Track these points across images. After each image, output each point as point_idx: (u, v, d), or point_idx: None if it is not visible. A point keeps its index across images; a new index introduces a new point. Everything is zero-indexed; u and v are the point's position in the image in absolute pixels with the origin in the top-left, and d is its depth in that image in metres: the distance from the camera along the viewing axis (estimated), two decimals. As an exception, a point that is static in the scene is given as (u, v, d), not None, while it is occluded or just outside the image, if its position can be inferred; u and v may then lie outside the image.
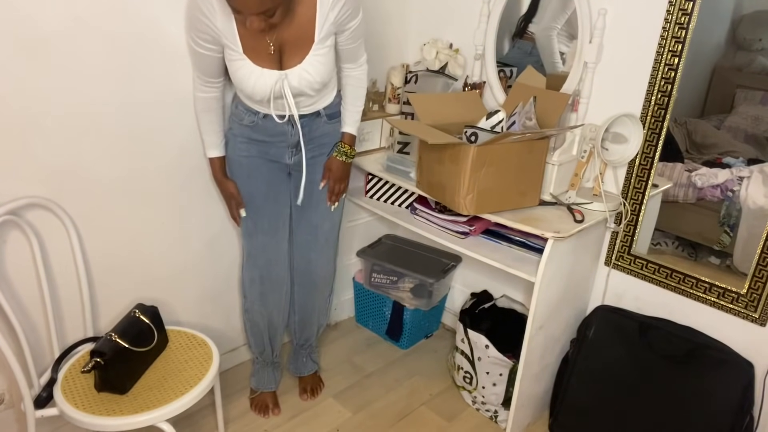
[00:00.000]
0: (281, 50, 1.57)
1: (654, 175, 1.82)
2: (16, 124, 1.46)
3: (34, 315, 1.65)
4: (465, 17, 2.17)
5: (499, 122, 1.76)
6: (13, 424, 1.73)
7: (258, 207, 1.81)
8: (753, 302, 1.68)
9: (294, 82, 1.59)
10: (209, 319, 2.10)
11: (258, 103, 1.66)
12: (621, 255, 1.95)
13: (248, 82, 1.57)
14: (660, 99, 1.75)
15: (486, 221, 1.85)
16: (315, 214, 1.87)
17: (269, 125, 1.69)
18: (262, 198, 1.80)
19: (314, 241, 1.91)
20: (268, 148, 1.74)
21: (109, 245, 1.74)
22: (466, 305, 2.21)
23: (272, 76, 1.57)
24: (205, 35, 1.52)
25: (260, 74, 1.56)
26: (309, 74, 1.59)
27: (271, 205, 1.82)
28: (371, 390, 2.20)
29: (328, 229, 1.91)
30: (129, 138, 1.68)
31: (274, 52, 1.56)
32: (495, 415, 2.07)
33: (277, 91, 1.59)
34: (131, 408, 1.45)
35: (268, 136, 1.72)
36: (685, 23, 1.65)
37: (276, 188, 1.82)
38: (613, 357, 1.86)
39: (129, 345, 1.52)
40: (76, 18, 1.48)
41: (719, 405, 1.68)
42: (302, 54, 1.58)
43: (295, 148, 1.74)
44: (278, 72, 1.58)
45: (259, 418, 2.01)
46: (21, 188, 1.51)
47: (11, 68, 1.42)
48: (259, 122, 1.70)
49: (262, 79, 1.57)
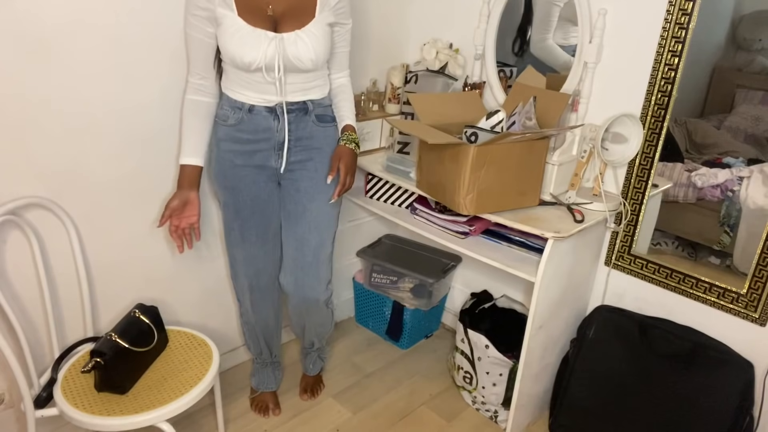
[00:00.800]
0: (278, 19, 1.53)
1: (654, 175, 1.82)
2: (16, 124, 1.46)
3: (34, 315, 1.65)
4: (465, 17, 2.17)
5: (499, 122, 1.76)
6: (13, 424, 1.73)
7: (245, 219, 1.74)
8: (753, 302, 1.68)
9: (289, 48, 1.53)
10: (209, 319, 2.10)
11: (246, 72, 1.56)
12: (621, 255, 1.95)
13: (239, 41, 1.50)
14: (660, 99, 1.75)
15: (486, 221, 1.85)
16: (301, 224, 1.75)
17: (255, 120, 1.63)
18: (249, 211, 1.73)
19: (301, 257, 1.78)
20: (254, 152, 1.66)
21: (109, 245, 1.74)
22: (466, 305, 2.21)
23: (266, 36, 1.51)
24: (201, 10, 1.50)
25: (251, 32, 1.50)
26: (304, 42, 1.54)
27: (258, 217, 1.75)
28: (371, 390, 2.20)
29: (315, 244, 1.76)
30: (129, 138, 1.68)
31: (272, 15, 1.52)
32: (495, 415, 2.07)
33: (270, 56, 1.52)
34: (131, 408, 1.45)
35: (254, 133, 1.64)
36: (685, 23, 1.65)
37: (263, 200, 1.74)
38: (613, 357, 1.86)
39: (129, 345, 1.52)
40: (76, 17, 1.48)
41: (719, 405, 1.68)
42: (300, 24, 1.55)
43: (282, 149, 1.67)
44: (273, 33, 1.52)
45: (259, 418, 2.01)
46: (21, 188, 1.51)
47: (11, 68, 1.42)
48: (244, 117, 1.62)
49: (253, 37, 1.50)
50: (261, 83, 1.59)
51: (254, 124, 1.64)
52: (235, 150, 1.66)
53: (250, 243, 1.77)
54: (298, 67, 1.58)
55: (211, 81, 1.64)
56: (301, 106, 1.66)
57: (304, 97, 1.66)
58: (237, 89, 1.62)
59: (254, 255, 1.79)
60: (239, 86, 1.61)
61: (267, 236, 1.79)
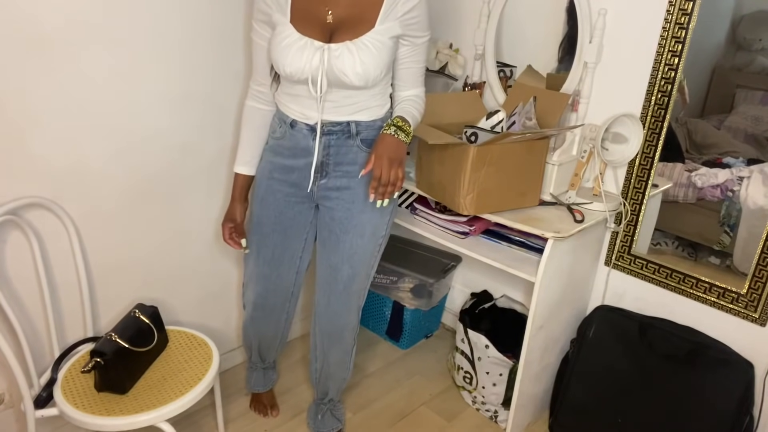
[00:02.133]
0: (335, 27, 1.41)
1: (654, 175, 1.82)
2: (16, 124, 1.46)
3: (34, 315, 1.64)
4: (465, 17, 2.17)
5: (499, 122, 1.76)
6: (13, 424, 1.73)
7: (264, 234, 1.66)
8: (753, 302, 1.68)
9: (334, 61, 1.38)
10: (209, 319, 2.10)
11: (291, 83, 1.47)
12: (621, 255, 1.95)
13: (284, 49, 1.40)
14: (660, 99, 1.75)
15: (486, 221, 1.85)
16: (334, 254, 1.63)
17: (296, 136, 1.53)
18: (270, 226, 1.65)
19: (334, 283, 1.66)
20: (292, 169, 1.57)
21: (109, 245, 1.74)
22: (466, 305, 2.21)
23: (312, 46, 1.39)
24: (262, 14, 1.45)
25: (298, 40, 1.40)
26: (351, 55, 1.38)
27: (278, 236, 1.66)
28: (371, 390, 2.20)
29: (347, 276, 1.63)
30: (129, 138, 1.68)
31: (330, 22, 1.40)
32: (495, 415, 2.07)
33: (314, 68, 1.39)
34: (131, 408, 1.45)
35: (293, 150, 1.55)
36: (685, 23, 1.65)
37: (288, 219, 1.64)
38: (613, 357, 1.86)
39: (129, 345, 1.52)
40: (76, 17, 1.47)
41: (719, 405, 1.68)
42: (354, 34, 1.40)
43: (321, 172, 1.55)
44: (320, 43, 1.40)
45: (259, 418, 2.01)
46: (21, 188, 1.51)
47: (11, 67, 1.41)
48: (287, 132, 1.54)
49: (299, 46, 1.39)
50: (304, 97, 1.48)
51: (294, 141, 1.55)
52: (275, 162, 1.60)
53: (264, 261, 1.70)
54: (344, 82, 1.41)
55: (267, 88, 1.57)
56: (344, 128, 1.51)
57: (349, 117, 1.50)
58: (284, 101, 1.54)
59: (266, 275, 1.72)
60: (286, 98, 1.54)
61: (283, 259, 1.71)
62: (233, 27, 1.79)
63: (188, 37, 1.70)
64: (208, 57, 1.76)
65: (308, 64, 1.40)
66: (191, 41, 1.71)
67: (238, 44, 1.82)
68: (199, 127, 1.82)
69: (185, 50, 1.69)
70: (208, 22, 1.73)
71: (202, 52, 1.75)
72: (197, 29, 1.71)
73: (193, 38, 1.71)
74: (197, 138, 1.82)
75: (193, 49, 1.72)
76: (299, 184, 1.59)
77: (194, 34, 1.71)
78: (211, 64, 1.78)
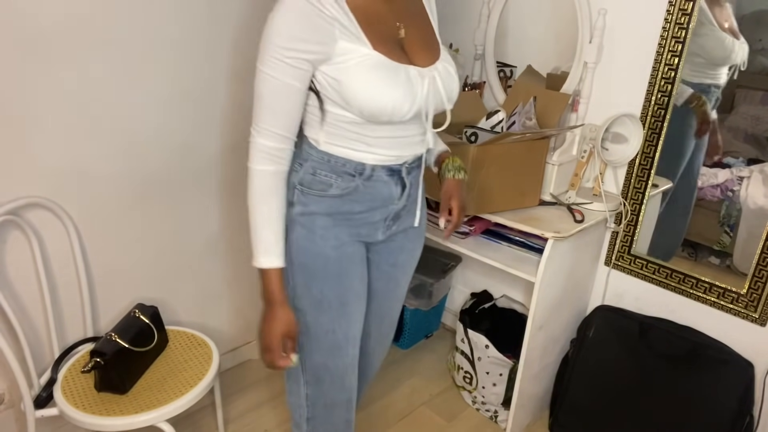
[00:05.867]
0: (404, 43, 1.14)
1: (654, 175, 1.82)
2: (16, 124, 1.46)
3: (34, 315, 1.64)
4: (465, 17, 2.17)
5: (499, 122, 1.76)
6: (13, 424, 1.73)
7: (350, 314, 1.29)
8: (753, 302, 1.68)
9: (443, 82, 1.15)
10: (209, 319, 2.10)
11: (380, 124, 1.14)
12: (621, 255, 1.95)
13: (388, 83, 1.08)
14: (660, 99, 1.75)
15: (486, 221, 1.85)
16: (388, 300, 1.43)
17: (375, 187, 1.20)
18: (355, 300, 1.29)
19: (378, 330, 1.46)
20: (361, 224, 1.24)
21: (109, 245, 1.74)
22: (466, 305, 2.21)
23: (415, 71, 1.12)
24: (305, 43, 1.04)
25: (395, 69, 1.09)
26: (451, 75, 1.18)
27: (362, 306, 1.33)
28: (371, 390, 2.20)
29: (395, 317, 1.50)
30: (129, 138, 1.68)
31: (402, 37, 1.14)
32: (495, 415, 2.07)
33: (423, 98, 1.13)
34: (131, 408, 1.45)
35: (369, 203, 1.22)
36: (685, 23, 1.65)
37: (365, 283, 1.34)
38: (613, 357, 1.86)
39: (129, 345, 1.52)
40: (76, 16, 1.47)
41: (719, 405, 1.68)
42: (433, 51, 1.19)
43: (394, 219, 1.28)
44: (416, 68, 1.13)
45: (259, 418, 2.01)
46: (21, 188, 1.51)
47: (11, 67, 1.41)
48: (360, 185, 1.19)
49: (403, 77, 1.09)
50: (400, 138, 1.18)
51: (371, 194, 1.21)
52: (341, 226, 1.23)
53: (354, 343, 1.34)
54: (445, 108, 1.20)
55: (291, 144, 1.15)
56: (419, 162, 1.28)
57: (426, 145, 1.26)
58: (353, 146, 1.17)
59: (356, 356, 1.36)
60: (356, 142, 1.16)
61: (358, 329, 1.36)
62: (233, 27, 1.79)
63: (188, 37, 1.70)
64: (208, 57, 1.76)
65: (421, 95, 1.13)
66: (191, 41, 1.71)
67: (238, 44, 1.82)
68: (199, 127, 1.82)
69: (185, 50, 1.69)
70: (207, 22, 1.73)
71: (202, 52, 1.75)
72: (197, 29, 1.71)
73: (193, 38, 1.71)
74: (197, 138, 1.82)
75: (193, 48, 1.72)
76: (367, 239, 1.29)
77: (194, 34, 1.71)
78: (211, 64, 1.78)
